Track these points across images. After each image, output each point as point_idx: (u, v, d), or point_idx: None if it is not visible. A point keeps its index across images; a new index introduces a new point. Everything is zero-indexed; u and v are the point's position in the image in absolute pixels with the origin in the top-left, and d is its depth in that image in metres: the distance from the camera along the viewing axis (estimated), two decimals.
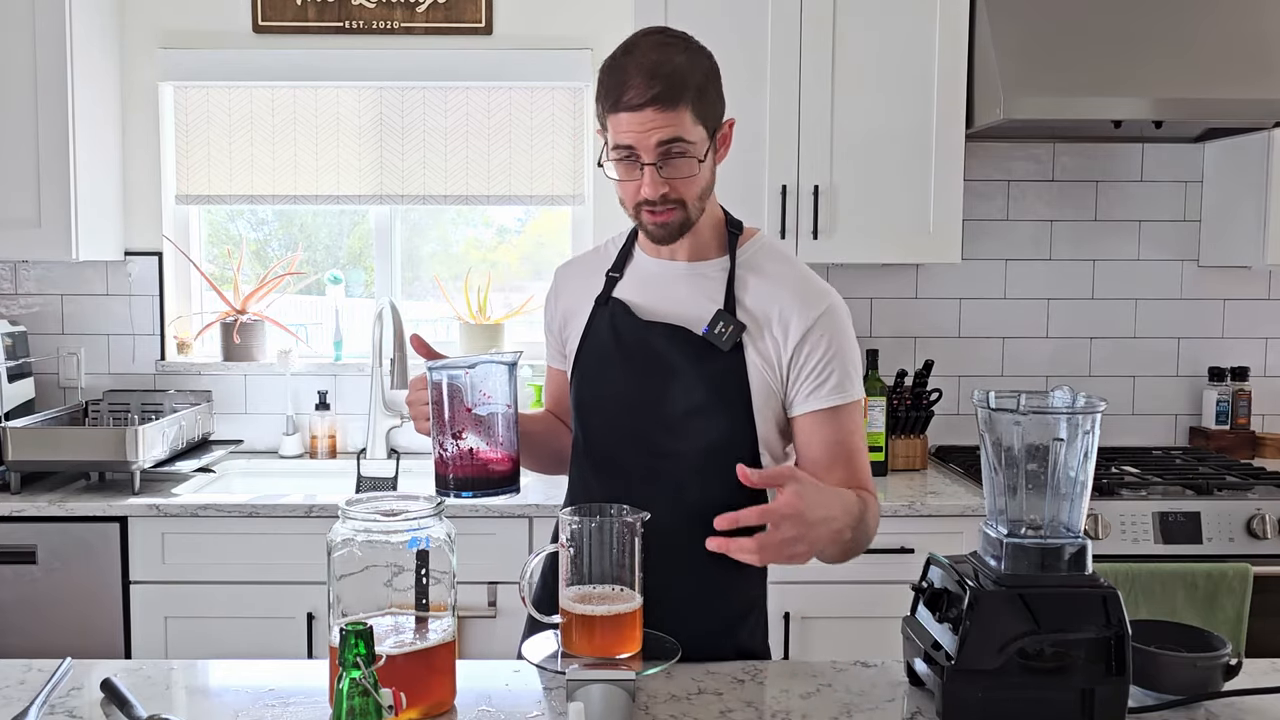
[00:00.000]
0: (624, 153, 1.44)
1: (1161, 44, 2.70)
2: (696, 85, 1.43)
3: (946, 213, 2.80)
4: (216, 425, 3.12)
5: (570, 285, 1.66)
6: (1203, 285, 3.20)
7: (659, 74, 1.40)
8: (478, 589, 2.52)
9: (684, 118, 1.42)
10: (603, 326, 1.57)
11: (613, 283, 1.60)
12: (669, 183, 1.44)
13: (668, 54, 1.43)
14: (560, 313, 1.67)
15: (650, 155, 1.43)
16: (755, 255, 1.56)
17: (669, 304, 1.54)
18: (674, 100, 1.40)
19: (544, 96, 3.10)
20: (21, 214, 2.79)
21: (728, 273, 1.54)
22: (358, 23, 3.07)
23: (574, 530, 1.38)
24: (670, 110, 1.41)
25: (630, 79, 1.41)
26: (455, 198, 3.15)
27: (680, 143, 1.42)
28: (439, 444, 1.44)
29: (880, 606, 2.39)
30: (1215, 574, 2.45)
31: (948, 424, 3.16)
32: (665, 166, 1.43)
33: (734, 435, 1.51)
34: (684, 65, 1.43)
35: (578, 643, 1.38)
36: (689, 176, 1.45)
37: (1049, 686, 1.24)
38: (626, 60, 1.43)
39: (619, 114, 1.42)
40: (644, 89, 1.40)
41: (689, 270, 1.56)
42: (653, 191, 1.44)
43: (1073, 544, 1.28)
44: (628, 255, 1.62)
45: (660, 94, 1.40)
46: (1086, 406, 1.28)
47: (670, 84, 1.40)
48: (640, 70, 1.41)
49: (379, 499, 1.32)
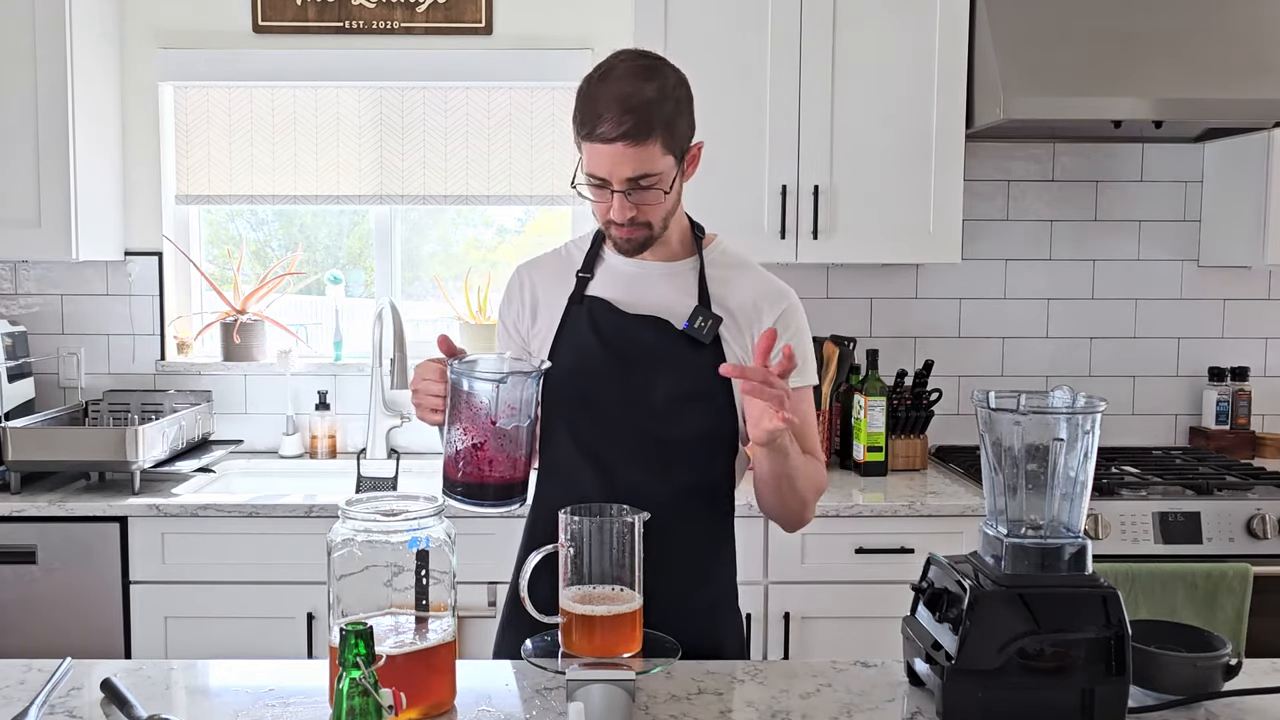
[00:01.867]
0: (596, 180, 1.52)
1: (1161, 44, 2.70)
2: (665, 119, 1.50)
3: (946, 213, 2.80)
4: (216, 425, 3.12)
5: (537, 283, 1.68)
6: (1203, 285, 3.20)
7: (630, 107, 1.47)
8: (478, 589, 2.52)
9: (653, 151, 1.49)
10: (580, 323, 1.61)
11: (584, 282, 1.64)
12: (637, 207, 1.52)
13: (640, 85, 1.49)
14: (527, 309, 1.68)
15: (620, 185, 1.50)
16: (721, 256, 1.66)
17: (646, 301, 1.61)
18: (643, 136, 1.48)
19: (544, 96, 3.10)
20: (21, 214, 2.79)
21: (699, 271, 1.62)
22: (358, 23, 3.07)
23: (574, 530, 1.38)
24: (640, 145, 1.48)
25: (603, 112, 1.48)
26: (455, 198, 3.15)
27: (648, 176, 1.50)
28: (453, 447, 1.43)
29: (880, 606, 2.39)
30: (1215, 574, 2.45)
31: (948, 424, 3.16)
32: (634, 194, 1.51)
33: (719, 422, 1.59)
34: (654, 97, 1.49)
35: (578, 643, 1.37)
36: (655, 204, 1.54)
37: (1049, 686, 1.24)
38: (601, 89, 1.50)
39: (592, 144, 1.50)
40: (615, 124, 1.47)
41: (662, 269, 1.63)
42: (621, 216, 1.53)
43: (1073, 544, 1.29)
44: (596, 257, 1.66)
45: (630, 130, 1.46)
46: (1086, 406, 1.28)
47: (640, 119, 1.47)
48: (613, 103, 1.47)
49: (379, 499, 1.32)
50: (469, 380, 1.42)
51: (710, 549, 1.64)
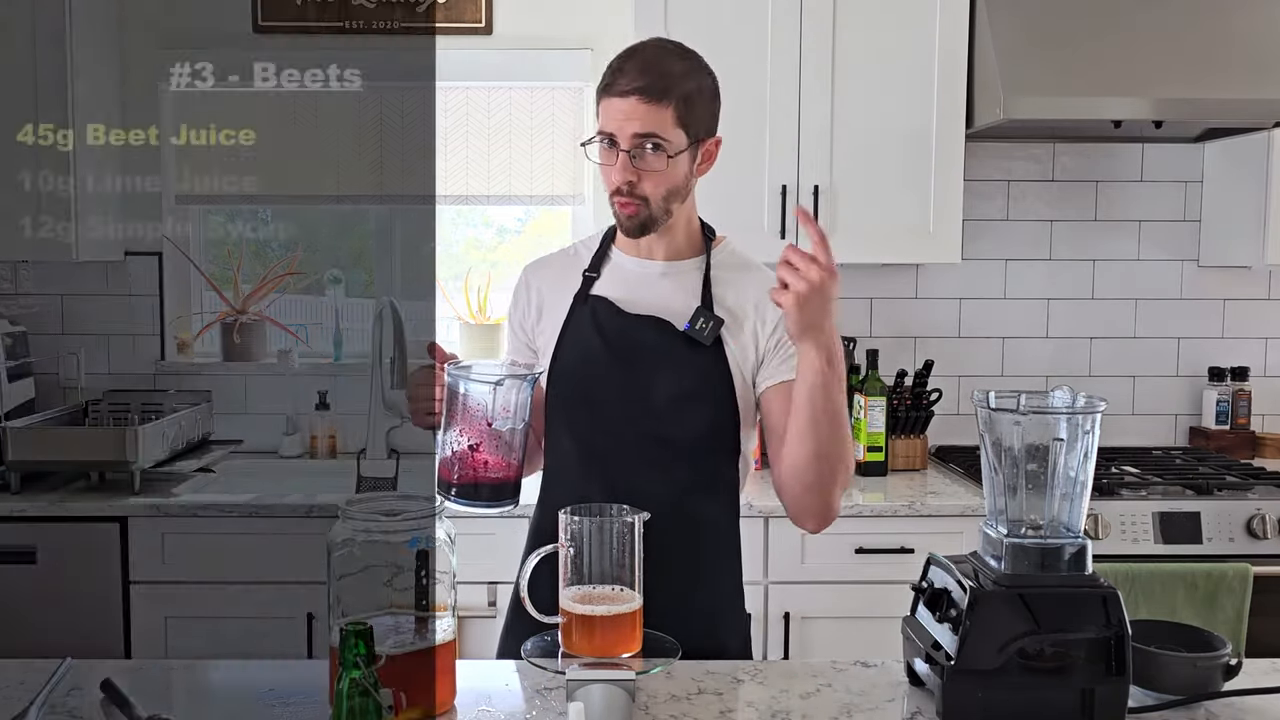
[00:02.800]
0: (605, 138, 1.53)
1: (1161, 44, 2.70)
2: (685, 92, 1.51)
3: (946, 213, 2.80)
4: (216, 425, 3.11)
5: (544, 281, 1.69)
6: (1203, 285, 3.20)
7: (650, 69, 1.50)
8: (478, 589, 2.52)
9: (665, 116, 1.50)
10: (584, 323, 1.61)
11: (590, 282, 1.64)
12: (638, 172, 1.52)
13: (667, 59, 1.53)
14: (534, 307, 1.68)
15: (626, 143, 1.51)
16: (728, 257, 1.66)
17: (649, 301, 1.61)
18: (659, 96, 1.49)
19: (544, 96, 3.10)
20: (27, 214, 2.79)
21: (704, 272, 1.62)
22: (358, 23, 3.07)
23: (574, 530, 1.38)
24: (653, 104, 1.49)
25: (625, 68, 1.51)
26: (455, 198, 3.15)
27: (656, 138, 1.50)
28: (449, 449, 1.43)
29: (880, 606, 2.38)
30: (1215, 574, 2.45)
31: (948, 424, 3.15)
32: (638, 157, 1.51)
33: (719, 423, 1.59)
34: (678, 71, 1.52)
35: (578, 643, 1.38)
36: (657, 171, 1.52)
37: (1049, 686, 1.24)
38: (627, 54, 1.54)
39: (608, 98, 1.51)
40: (633, 79, 1.49)
41: (666, 269, 1.63)
42: (620, 178, 1.53)
43: (1073, 544, 1.29)
44: (604, 256, 1.67)
45: (646, 86, 1.49)
46: (1086, 406, 1.28)
47: (659, 80, 1.49)
48: (635, 64, 1.51)
49: (379, 499, 1.32)
50: (465, 383, 1.42)
51: (712, 550, 1.63)
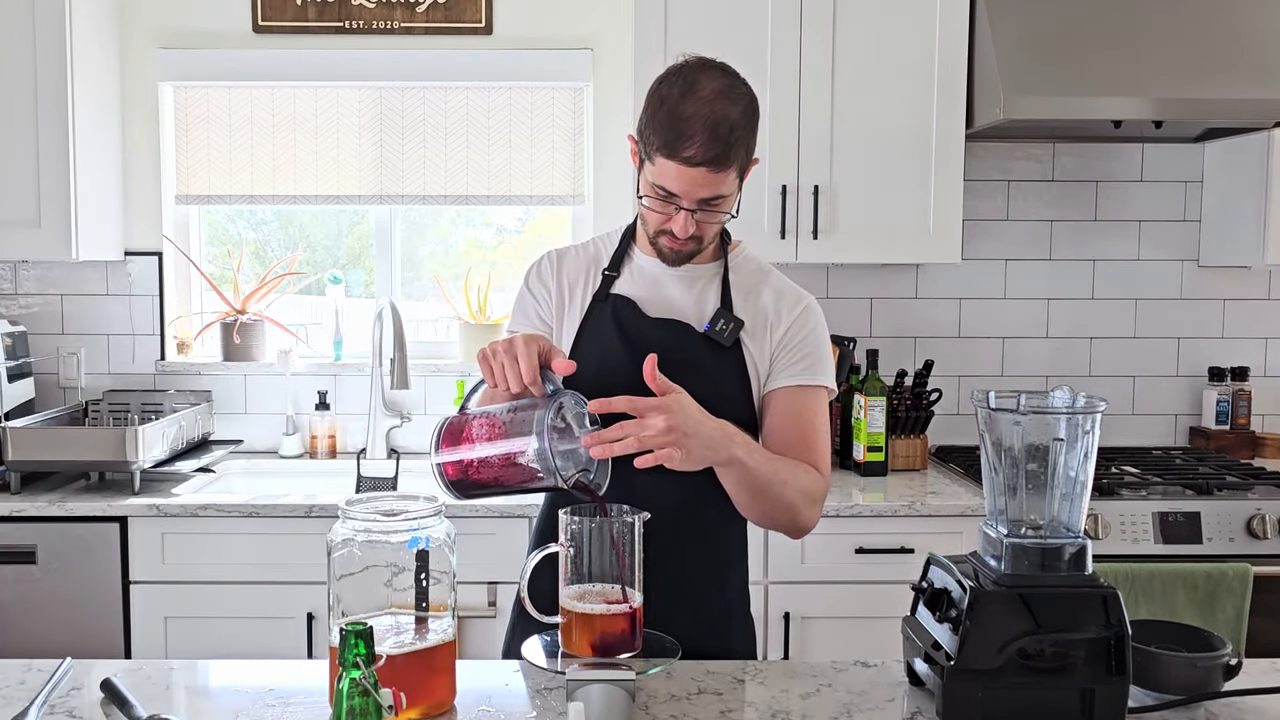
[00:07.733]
0: (664, 193, 1.50)
1: (1161, 44, 2.70)
2: (746, 144, 1.50)
3: (946, 213, 2.80)
4: (216, 425, 3.12)
5: (567, 272, 1.66)
6: (1203, 285, 3.20)
7: (719, 134, 1.44)
8: (478, 589, 2.52)
9: (729, 176, 1.49)
10: (604, 322, 1.60)
11: (610, 281, 1.63)
12: (699, 225, 1.52)
13: (728, 109, 1.45)
14: (555, 294, 1.65)
15: (690, 204, 1.49)
16: (745, 262, 1.67)
17: (670, 302, 1.61)
18: (726, 163, 1.47)
19: (544, 96, 3.10)
20: (21, 214, 2.79)
21: (722, 275, 1.63)
22: (358, 23, 3.07)
23: (574, 530, 1.38)
24: (721, 171, 1.47)
25: (692, 134, 1.44)
26: (455, 198, 3.15)
27: (719, 198, 1.50)
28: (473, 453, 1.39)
29: (880, 606, 2.39)
30: (1215, 574, 2.45)
31: (948, 424, 3.16)
32: (699, 213, 1.51)
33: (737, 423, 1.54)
34: (740, 123, 1.47)
35: (578, 643, 1.37)
36: (716, 223, 1.55)
37: (1049, 686, 1.24)
38: (686, 106, 1.45)
39: (673, 163, 1.46)
40: (703, 149, 1.44)
41: (687, 271, 1.62)
42: (682, 232, 1.52)
43: (1073, 544, 1.28)
44: (624, 255, 1.66)
45: (716, 157, 1.45)
46: (1086, 406, 1.28)
47: (726, 146, 1.45)
48: (703, 126, 1.44)
49: (379, 499, 1.32)
50: (554, 446, 1.34)
51: (723, 553, 1.63)
